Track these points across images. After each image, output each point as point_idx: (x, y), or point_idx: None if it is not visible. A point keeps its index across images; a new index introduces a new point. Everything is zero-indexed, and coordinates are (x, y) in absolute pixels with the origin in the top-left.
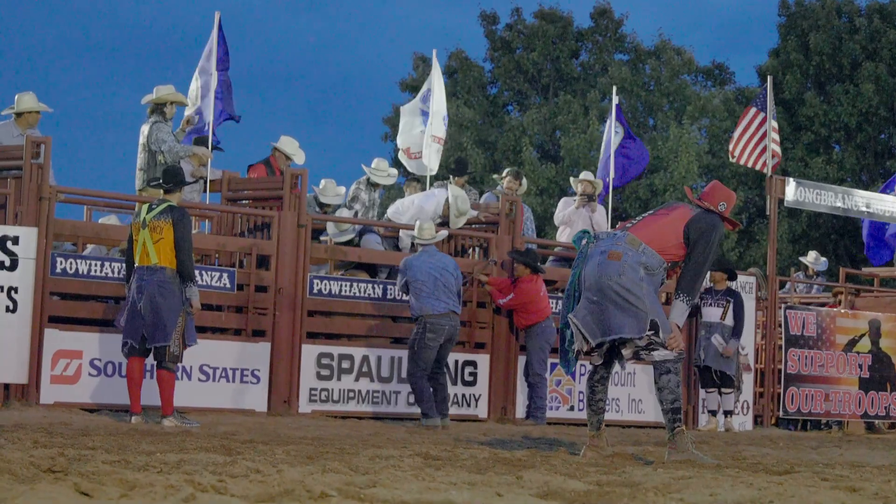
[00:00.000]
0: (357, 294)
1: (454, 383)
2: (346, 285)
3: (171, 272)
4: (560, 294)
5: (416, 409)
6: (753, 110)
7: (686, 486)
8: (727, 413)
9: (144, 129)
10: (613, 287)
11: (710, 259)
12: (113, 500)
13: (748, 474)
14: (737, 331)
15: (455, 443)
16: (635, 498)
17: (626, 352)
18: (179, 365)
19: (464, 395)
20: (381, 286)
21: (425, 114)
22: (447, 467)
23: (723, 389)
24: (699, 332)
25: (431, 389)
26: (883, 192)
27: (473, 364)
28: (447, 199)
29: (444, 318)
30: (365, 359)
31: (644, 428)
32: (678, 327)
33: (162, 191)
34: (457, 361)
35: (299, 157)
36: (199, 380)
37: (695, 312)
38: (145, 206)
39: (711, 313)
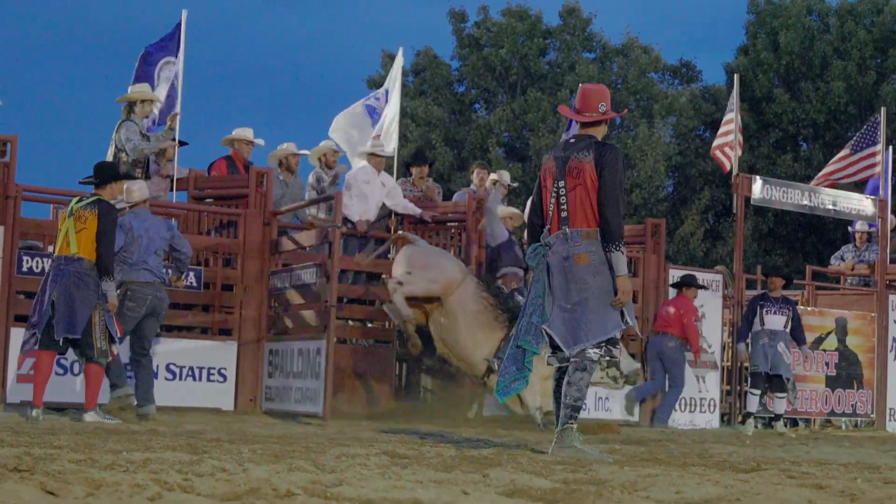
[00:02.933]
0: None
1: None
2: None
3: (88, 264)
4: None
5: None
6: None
7: (652, 484)
8: (778, 416)
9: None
10: (591, 290)
11: (621, 192)
12: (79, 499)
13: (714, 472)
14: (802, 337)
15: (421, 441)
16: (602, 496)
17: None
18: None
19: None
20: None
21: (372, 111)
22: (413, 465)
23: (779, 394)
24: (759, 340)
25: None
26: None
27: None
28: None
29: (149, 288)
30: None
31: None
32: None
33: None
34: None
35: (260, 141)
36: (166, 378)
37: (752, 317)
38: (76, 198)
39: (775, 321)
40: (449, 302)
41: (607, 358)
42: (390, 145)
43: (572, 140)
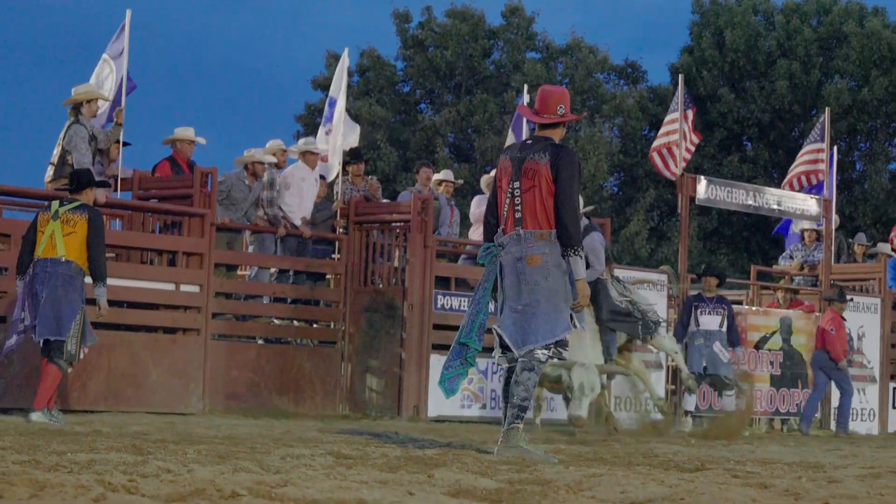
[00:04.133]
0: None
1: None
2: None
3: (76, 268)
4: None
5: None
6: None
7: (597, 484)
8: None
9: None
10: (542, 292)
11: (578, 195)
12: (23, 500)
13: (659, 471)
14: (736, 338)
15: (367, 441)
16: (546, 496)
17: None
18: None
19: None
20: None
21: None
22: (358, 466)
23: (726, 392)
24: (695, 340)
25: None
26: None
27: None
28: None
29: None
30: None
31: (555, 426)
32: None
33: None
34: None
35: (201, 140)
36: None
37: (686, 319)
38: (57, 201)
39: (710, 321)
40: None
41: (554, 359)
42: (337, 145)
43: (529, 141)
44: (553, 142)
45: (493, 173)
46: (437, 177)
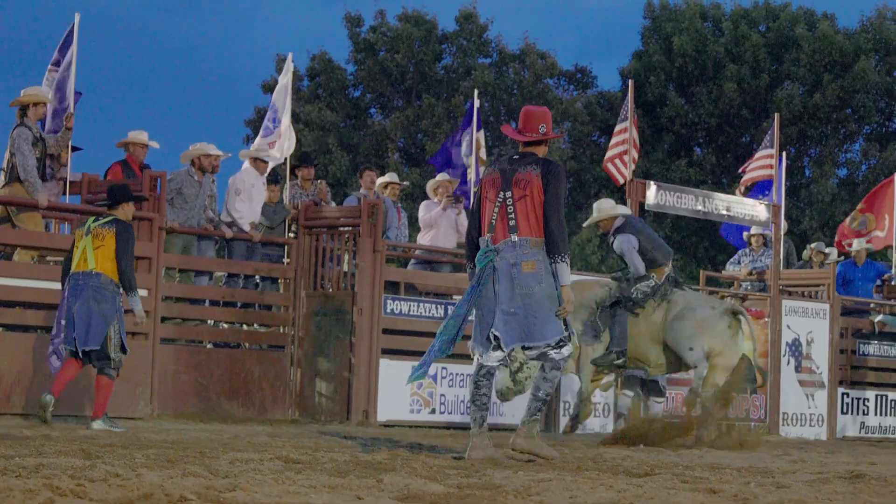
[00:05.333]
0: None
1: None
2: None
3: (106, 279)
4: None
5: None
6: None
7: (546, 489)
8: None
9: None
10: (536, 296)
11: (563, 205)
12: None
13: (608, 476)
14: None
15: (316, 446)
16: (495, 501)
17: (531, 353)
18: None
19: None
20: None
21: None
22: (307, 471)
23: (657, 399)
24: None
25: None
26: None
27: None
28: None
29: None
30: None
31: (504, 430)
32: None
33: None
34: None
35: (154, 143)
36: None
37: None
38: (92, 217)
39: None
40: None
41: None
42: (286, 150)
43: (516, 156)
44: (538, 157)
45: (439, 177)
46: (381, 179)
